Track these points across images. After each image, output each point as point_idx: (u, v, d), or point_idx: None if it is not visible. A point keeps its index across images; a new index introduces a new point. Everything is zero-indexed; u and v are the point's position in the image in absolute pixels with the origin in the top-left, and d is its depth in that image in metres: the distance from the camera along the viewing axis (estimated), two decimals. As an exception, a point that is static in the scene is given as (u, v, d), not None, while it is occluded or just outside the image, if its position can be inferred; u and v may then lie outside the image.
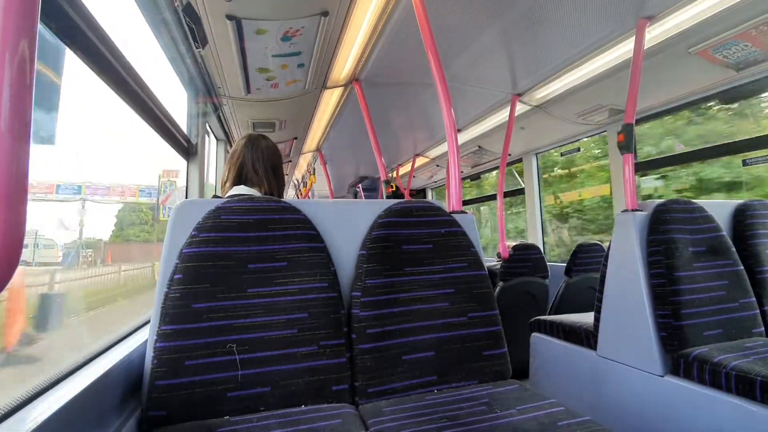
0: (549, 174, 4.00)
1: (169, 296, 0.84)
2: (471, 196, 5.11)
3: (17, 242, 0.37)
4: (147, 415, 0.79)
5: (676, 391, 1.23)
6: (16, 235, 0.37)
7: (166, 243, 0.91)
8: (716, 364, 1.13)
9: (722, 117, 2.58)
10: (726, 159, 2.48)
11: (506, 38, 1.79)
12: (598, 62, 1.96)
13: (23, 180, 0.37)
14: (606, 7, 1.55)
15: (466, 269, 1.09)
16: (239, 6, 1.49)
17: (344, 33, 1.74)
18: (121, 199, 4.55)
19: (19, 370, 1.01)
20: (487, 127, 3.05)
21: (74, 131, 1.49)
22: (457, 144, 1.39)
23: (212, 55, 1.87)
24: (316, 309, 0.93)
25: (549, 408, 0.84)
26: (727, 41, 1.63)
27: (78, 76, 0.97)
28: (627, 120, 1.63)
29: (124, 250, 5.03)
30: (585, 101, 2.38)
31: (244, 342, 0.86)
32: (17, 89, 0.36)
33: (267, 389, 0.86)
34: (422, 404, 0.88)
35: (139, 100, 1.29)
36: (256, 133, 1.46)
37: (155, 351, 0.81)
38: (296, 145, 3.62)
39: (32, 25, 0.38)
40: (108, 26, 1.01)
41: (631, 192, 1.55)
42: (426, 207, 1.13)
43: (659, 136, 2.86)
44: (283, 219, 0.97)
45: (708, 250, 1.40)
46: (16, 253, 0.37)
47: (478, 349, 1.03)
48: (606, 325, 1.50)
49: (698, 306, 1.30)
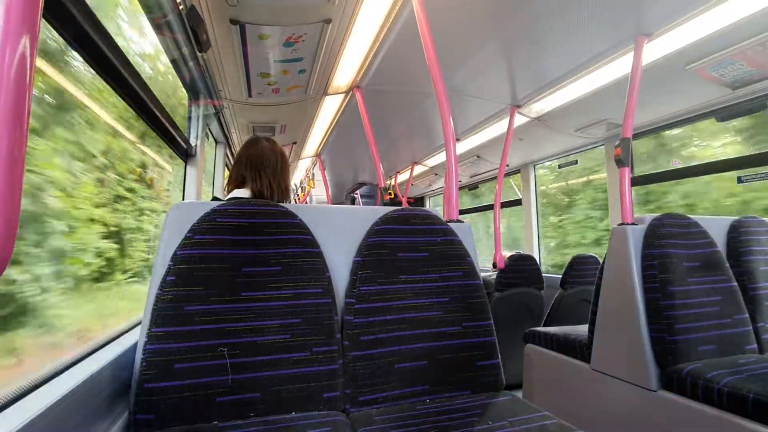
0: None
1: (161, 298, 0.83)
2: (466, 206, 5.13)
3: (9, 240, 0.37)
4: (135, 418, 0.77)
5: (669, 406, 1.23)
6: (8, 233, 0.37)
7: (160, 244, 0.90)
8: (709, 380, 1.13)
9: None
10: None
11: (507, 50, 1.81)
12: (596, 77, 1.98)
13: (19, 175, 0.37)
14: (605, 23, 1.57)
15: (461, 278, 1.09)
16: (243, 11, 1.51)
17: (346, 40, 1.75)
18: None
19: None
20: (486, 138, 3.07)
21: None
22: (455, 153, 1.40)
23: (214, 59, 1.88)
24: (309, 315, 0.92)
25: (542, 420, 0.83)
26: (723, 60, 1.65)
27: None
28: (624, 134, 1.65)
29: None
30: (583, 115, 2.41)
31: (236, 346, 0.85)
32: (16, 85, 0.36)
33: (257, 395, 0.85)
34: (413, 413, 0.88)
35: (140, 101, 1.29)
36: (261, 136, 1.45)
37: (145, 353, 0.80)
38: (295, 150, 3.63)
39: (34, 21, 0.38)
40: (111, 27, 1.02)
41: (627, 206, 1.56)
42: (423, 215, 1.13)
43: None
44: (279, 223, 0.97)
45: (702, 266, 1.41)
46: (8, 248, 0.37)
47: (472, 360, 1.03)
48: (600, 339, 1.50)
49: (692, 321, 1.30)
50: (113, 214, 1.49)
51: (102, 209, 1.39)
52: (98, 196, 1.36)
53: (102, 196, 1.40)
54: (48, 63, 1.01)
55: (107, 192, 1.45)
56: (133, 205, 1.67)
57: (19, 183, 0.38)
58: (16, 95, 0.36)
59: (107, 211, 1.43)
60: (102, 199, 1.40)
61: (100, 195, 1.38)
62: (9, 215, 0.37)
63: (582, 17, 1.53)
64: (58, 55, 1.05)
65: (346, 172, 4.76)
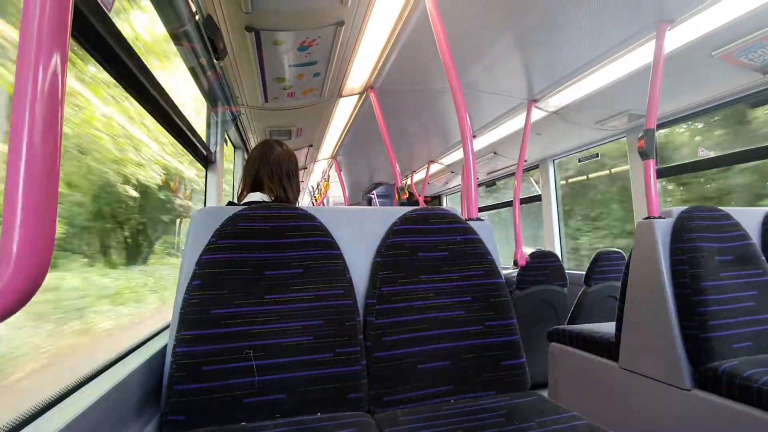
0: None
1: (189, 302, 0.85)
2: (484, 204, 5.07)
3: (46, 251, 0.38)
4: (166, 419, 0.80)
5: (704, 405, 1.18)
6: (45, 244, 0.38)
7: (185, 250, 0.93)
8: (747, 379, 1.08)
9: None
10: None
11: (522, 44, 1.78)
12: (616, 67, 1.93)
13: (54, 189, 0.39)
14: (624, 11, 1.52)
15: (482, 277, 1.07)
16: (257, 18, 1.53)
17: (359, 42, 1.76)
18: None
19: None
20: (503, 134, 3.03)
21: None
22: (472, 150, 1.38)
23: (231, 66, 1.91)
24: (331, 316, 0.93)
25: (570, 421, 0.81)
26: (753, 44, 1.58)
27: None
28: (648, 125, 1.60)
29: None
30: (603, 107, 2.34)
31: (261, 348, 0.87)
32: (49, 101, 0.38)
33: (283, 396, 0.86)
34: (439, 414, 0.87)
35: (161, 111, 1.33)
36: (272, 140, 1.47)
37: (174, 356, 0.82)
38: (311, 152, 3.66)
39: (63, 38, 0.40)
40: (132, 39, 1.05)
41: (653, 199, 1.51)
42: (442, 214, 1.12)
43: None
44: (299, 226, 0.98)
45: (736, 259, 1.35)
46: (46, 261, 0.38)
47: (496, 359, 1.01)
48: (628, 336, 1.46)
49: (726, 317, 1.25)
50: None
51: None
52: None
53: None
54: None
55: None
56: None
57: (54, 196, 0.39)
58: (51, 111, 0.38)
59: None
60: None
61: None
62: (46, 228, 0.38)
63: (600, 6, 1.49)
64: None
65: (362, 172, 4.77)
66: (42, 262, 0.38)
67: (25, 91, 0.37)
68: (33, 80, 0.37)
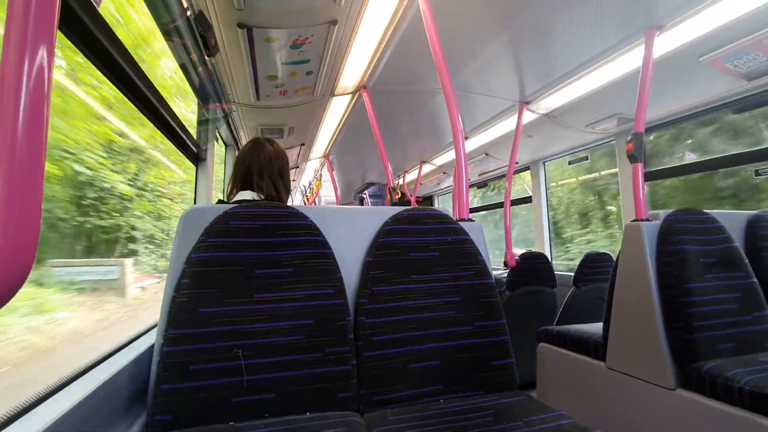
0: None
1: (177, 300, 0.84)
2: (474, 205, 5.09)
3: (31, 244, 0.38)
4: (153, 419, 0.79)
5: (688, 405, 1.20)
6: (30, 237, 0.38)
7: (175, 247, 0.91)
8: (729, 379, 1.10)
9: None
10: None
11: (514, 47, 1.80)
12: (606, 71, 1.95)
13: (39, 183, 0.38)
14: (615, 17, 1.55)
15: (473, 278, 1.08)
16: (250, 15, 1.52)
17: (353, 41, 1.76)
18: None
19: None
20: (495, 135, 3.05)
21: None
22: (464, 151, 1.39)
23: (223, 63, 1.90)
24: (322, 315, 0.92)
25: (557, 420, 0.82)
26: (739, 51, 1.62)
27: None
28: (636, 129, 1.62)
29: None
30: (593, 110, 2.37)
31: (250, 347, 0.86)
32: (35, 94, 0.37)
33: (272, 395, 0.85)
34: (428, 414, 0.87)
35: (151, 107, 1.31)
36: (263, 138, 1.46)
37: (161, 355, 0.81)
38: (303, 151, 3.64)
39: (50, 31, 0.39)
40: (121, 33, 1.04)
41: (641, 201, 1.53)
42: (433, 214, 1.12)
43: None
44: (290, 225, 0.97)
45: (720, 262, 1.38)
46: (30, 254, 0.38)
47: (485, 359, 1.02)
48: (615, 337, 1.48)
49: (711, 318, 1.27)
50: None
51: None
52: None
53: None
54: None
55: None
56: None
57: (39, 189, 0.38)
58: (36, 104, 0.37)
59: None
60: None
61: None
62: (31, 221, 0.37)
63: (591, 11, 1.51)
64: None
65: (355, 172, 4.76)
66: (27, 255, 0.37)
67: (11, 84, 0.36)
68: (18, 73, 0.36)
